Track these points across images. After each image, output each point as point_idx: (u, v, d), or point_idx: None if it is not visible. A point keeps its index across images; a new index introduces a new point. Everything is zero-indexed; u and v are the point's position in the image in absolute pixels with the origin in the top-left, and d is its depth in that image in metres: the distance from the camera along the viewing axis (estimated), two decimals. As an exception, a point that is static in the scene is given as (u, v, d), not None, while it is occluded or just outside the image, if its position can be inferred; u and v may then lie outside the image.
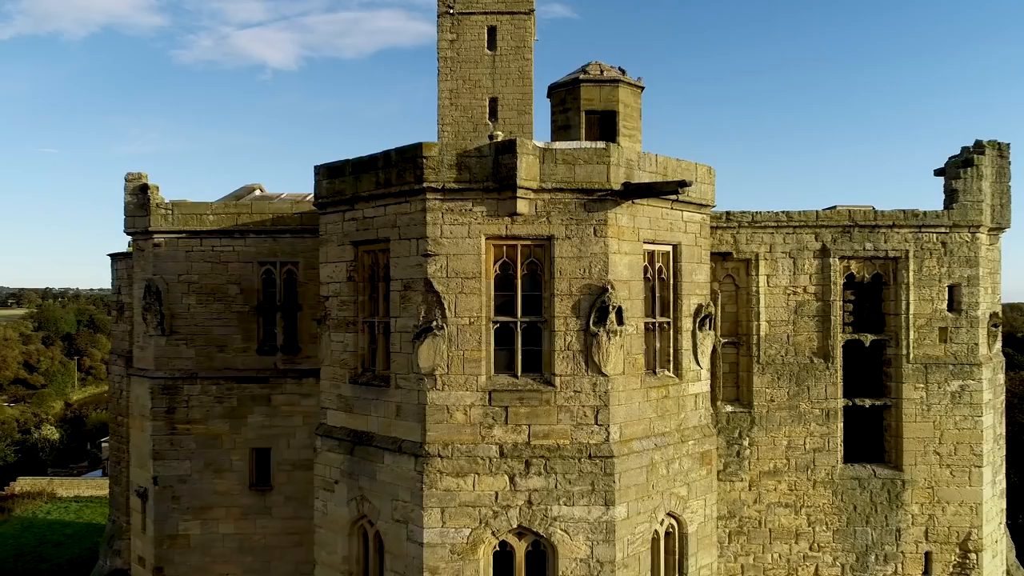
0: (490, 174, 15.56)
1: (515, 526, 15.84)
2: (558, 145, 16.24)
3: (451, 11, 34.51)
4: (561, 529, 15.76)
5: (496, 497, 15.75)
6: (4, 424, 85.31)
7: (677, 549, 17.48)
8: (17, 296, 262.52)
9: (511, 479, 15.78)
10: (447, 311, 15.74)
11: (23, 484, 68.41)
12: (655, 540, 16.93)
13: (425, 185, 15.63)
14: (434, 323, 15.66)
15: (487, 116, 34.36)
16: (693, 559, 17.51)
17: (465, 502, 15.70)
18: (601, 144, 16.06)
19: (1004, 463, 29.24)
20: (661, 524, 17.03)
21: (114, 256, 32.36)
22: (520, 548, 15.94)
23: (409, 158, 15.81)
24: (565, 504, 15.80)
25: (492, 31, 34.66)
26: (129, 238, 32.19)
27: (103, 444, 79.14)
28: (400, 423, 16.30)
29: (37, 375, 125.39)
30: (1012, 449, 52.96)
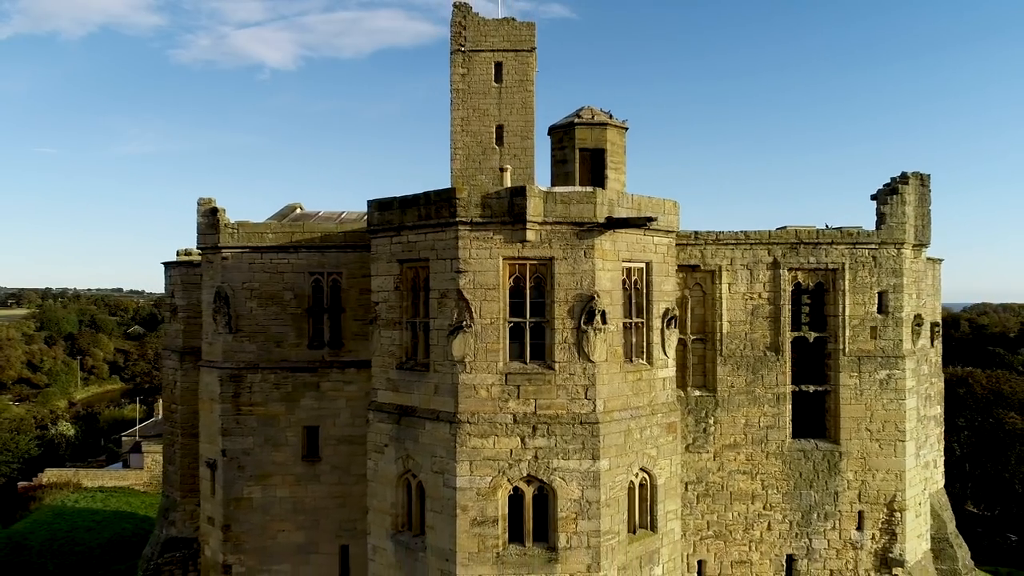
0: (506, 211, 19.92)
1: (525, 475, 20.09)
2: (557, 189, 20.73)
3: (463, 48, 38.69)
4: (560, 477, 20.04)
5: (511, 453, 20.00)
6: (23, 421, 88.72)
7: (649, 496, 21.76)
8: (17, 296, 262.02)
9: (522, 439, 20.05)
10: (474, 314, 20.03)
11: (49, 475, 71.41)
12: (631, 489, 21.20)
13: (457, 219, 19.99)
14: (464, 323, 19.98)
15: (494, 142, 38.21)
16: (661, 505, 21.81)
17: (487, 457, 19.89)
18: (589, 189, 20.60)
19: (939, 441, 33.39)
20: (636, 476, 21.31)
21: (167, 264, 36.67)
22: (528, 491, 20.23)
23: (445, 198, 20.25)
24: (562, 458, 20.02)
25: (499, 66, 38.43)
26: (177, 247, 36.80)
27: (123, 439, 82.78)
28: (437, 398, 20.57)
29: (40, 375, 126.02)
30: (993, 443, 56.85)
